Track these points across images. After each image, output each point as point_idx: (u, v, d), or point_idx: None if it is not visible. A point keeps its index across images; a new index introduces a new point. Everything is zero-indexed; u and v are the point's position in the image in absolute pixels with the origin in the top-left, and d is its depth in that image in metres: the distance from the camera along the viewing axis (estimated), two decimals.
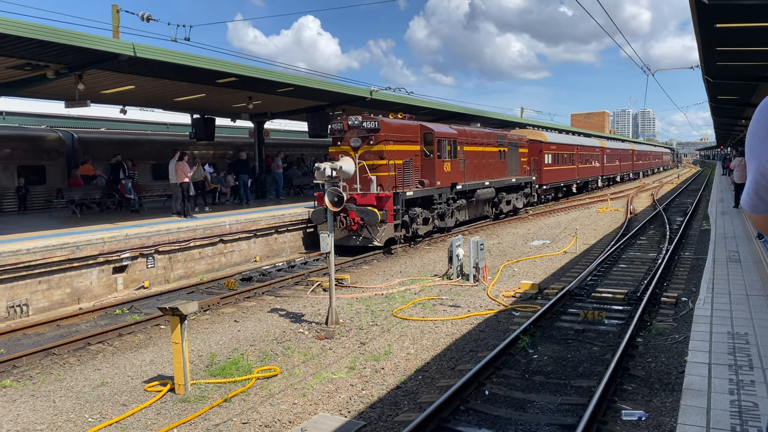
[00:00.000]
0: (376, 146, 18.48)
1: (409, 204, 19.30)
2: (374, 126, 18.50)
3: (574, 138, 43.51)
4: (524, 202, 30.79)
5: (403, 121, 20.28)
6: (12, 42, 12.29)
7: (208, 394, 7.89)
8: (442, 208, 21.50)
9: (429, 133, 20.71)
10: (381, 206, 18.03)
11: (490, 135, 26.50)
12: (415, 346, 9.83)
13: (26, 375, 8.86)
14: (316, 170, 11.29)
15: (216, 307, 12.73)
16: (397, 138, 19.17)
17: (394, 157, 18.67)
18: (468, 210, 24.55)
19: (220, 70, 16.58)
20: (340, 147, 18.77)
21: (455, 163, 22.05)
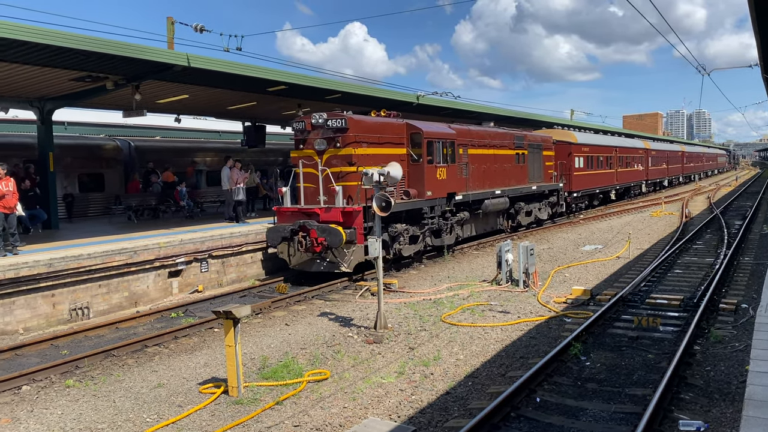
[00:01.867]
0: (344, 149, 15.30)
1: (388, 219, 15.82)
2: (341, 125, 15.27)
3: (611, 138, 39.10)
4: (549, 213, 26.99)
5: (382, 119, 16.88)
6: (75, 55, 12.83)
7: (260, 397, 8.04)
8: (436, 223, 18.01)
9: (417, 134, 17.24)
10: (348, 223, 14.88)
11: (503, 136, 23.00)
12: (465, 352, 9.78)
13: (88, 375, 9.20)
14: (363, 176, 11.37)
15: (267, 311, 12.95)
16: (373, 139, 15.94)
17: (368, 162, 15.09)
18: (474, 224, 21.15)
19: (269, 79, 16.90)
20: (303, 151, 15.84)
21: (453, 169, 18.64)
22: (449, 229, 19.02)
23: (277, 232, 15.37)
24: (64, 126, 28.51)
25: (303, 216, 15.37)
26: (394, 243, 16.27)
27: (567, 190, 29.02)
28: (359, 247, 14.87)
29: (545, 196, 26.32)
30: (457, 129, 19.45)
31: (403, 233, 16.53)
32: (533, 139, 25.49)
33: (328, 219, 15.03)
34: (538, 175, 25.47)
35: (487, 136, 21.70)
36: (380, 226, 11.48)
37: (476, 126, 22.32)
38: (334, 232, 14.52)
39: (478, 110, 28.54)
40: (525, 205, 24.23)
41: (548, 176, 26.63)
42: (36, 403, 8.13)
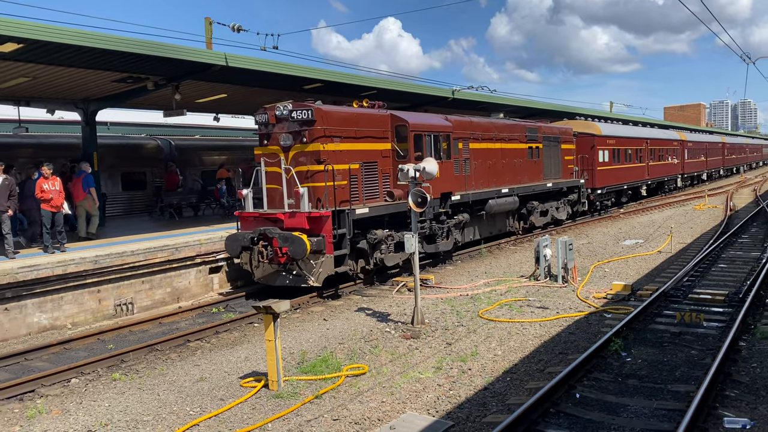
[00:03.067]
0: (311, 145, 13.27)
1: (367, 224, 14.26)
2: (307, 116, 13.22)
3: (641, 130, 36.15)
4: (568, 212, 24.76)
5: (360, 110, 15.03)
6: (117, 57, 13.17)
7: (299, 391, 8.15)
8: (427, 228, 16.14)
9: (402, 126, 15.30)
10: (316, 230, 12.98)
11: (513, 128, 20.99)
12: (503, 348, 9.74)
13: (133, 369, 9.46)
14: (399, 172, 11.40)
15: (306, 306, 13.10)
16: (348, 133, 14.03)
17: (342, 159, 13.60)
18: (478, 226, 19.13)
19: (305, 77, 17.07)
20: (267, 147, 13.86)
21: (449, 166, 16.81)
22: (445, 234, 16.96)
23: (236, 240, 13.50)
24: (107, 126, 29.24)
25: (266, 222, 13.53)
26: (375, 251, 14.39)
27: (590, 187, 26.89)
28: (328, 258, 12.96)
29: (564, 194, 24.18)
30: (454, 121, 17.63)
31: (386, 240, 14.59)
32: (549, 131, 23.43)
33: (293, 225, 13.04)
34: (555, 171, 23.42)
35: (492, 129, 19.67)
36: (417, 222, 11.49)
37: (481, 117, 20.47)
38: (298, 241, 12.56)
39: (515, 104, 28.29)
40: (539, 205, 22.18)
41: (567, 172, 24.46)
42: (84, 395, 8.41)
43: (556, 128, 24.40)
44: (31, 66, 13.51)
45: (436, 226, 16.42)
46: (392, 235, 14.82)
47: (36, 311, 11.74)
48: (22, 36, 11.18)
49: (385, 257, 14.67)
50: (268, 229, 13.07)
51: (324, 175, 13.08)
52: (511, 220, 21.35)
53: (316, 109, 13.29)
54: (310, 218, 13.01)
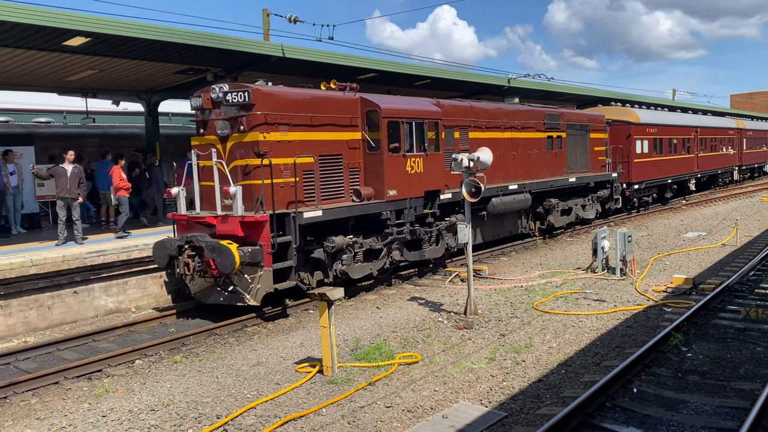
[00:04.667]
0: (249, 134, 11.11)
1: (326, 230, 12.06)
2: (243, 100, 11.04)
3: (689, 117, 32.42)
4: (597, 211, 21.89)
5: (318, 93, 12.60)
6: (179, 50, 13.54)
7: (353, 377, 8.27)
8: (406, 232, 13.58)
9: (373, 112, 12.97)
10: (252, 238, 10.90)
11: (528, 114, 18.46)
12: (558, 340, 9.62)
13: (193, 352, 9.79)
14: (453, 161, 11.35)
15: (359, 295, 13.23)
16: (300, 120, 11.78)
17: (291, 151, 11.46)
18: (480, 228, 16.59)
19: (359, 66, 17.14)
20: (204, 137, 11.76)
21: (436, 160, 14.29)
22: (434, 239, 14.62)
23: (164, 248, 11.43)
24: (168, 117, 30.12)
25: (197, 227, 11.56)
26: (335, 262, 12.14)
27: (625, 181, 24.04)
28: (267, 272, 10.81)
29: (591, 190, 21.35)
30: (448, 106, 15.34)
31: (351, 248, 12.31)
32: (575, 118, 20.79)
33: (225, 232, 11.02)
34: (581, 164, 20.84)
35: (500, 116, 17.27)
36: (470, 211, 11.43)
37: (485, 102, 17.99)
38: (225, 251, 10.47)
39: (573, 92, 27.68)
40: (559, 202, 19.34)
41: (597, 164, 21.87)
42: (148, 376, 8.75)
43: (584, 115, 21.87)
44: (98, 59, 14.03)
45: (420, 230, 13.93)
46: (359, 241, 12.58)
47: (102, 295, 12.26)
48: (90, 30, 11.63)
49: (349, 269, 12.35)
50: (195, 237, 10.99)
51: (265, 171, 10.88)
52: (524, 220, 18.79)
53: (255, 90, 11.10)
54: (244, 223, 10.87)
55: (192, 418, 7.17)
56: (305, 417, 7.09)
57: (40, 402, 7.99)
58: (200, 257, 10.89)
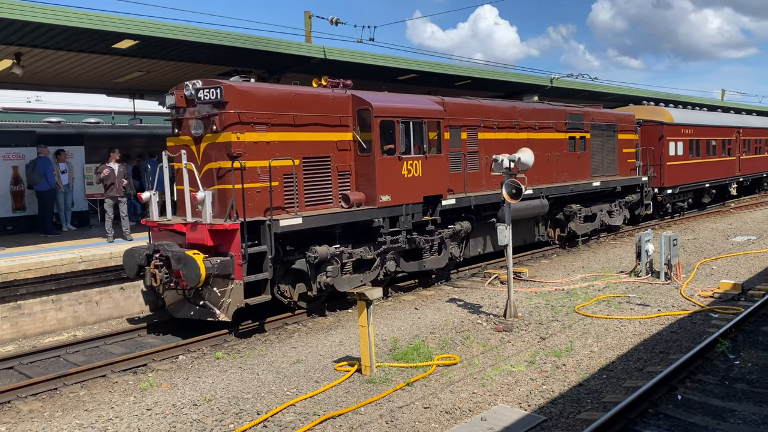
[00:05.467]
0: (222, 135, 10.34)
1: (309, 238, 11.15)
2: (216, 97, 10.25)
3: (730, 117, 30.09)
4: (626, 217, 20.58)
5: (305, 90, 11.70)
6: (222, 52, 13.80)
7: (391, 377, 8.29)
8: (403, 241, 12.64)
9: (364, 110, 12.01)
10: (223, 248, 10.13)
11: (546, 113, 17.31)
12: (599, 344, 9.46)
13: (235, 349, 9.96)
14: (493, 162, 11.28)
15: (397, 295, 13.25)
16: (281, 119, 10.92)
17: (268, 153, 10.61)
18: (491, 237, 15.09)
19: (399, 67, 17.19)
20: (179, 138, 11.03)
21: (438, 162, 13.25)
22: (436, 248, 13.61)
23: (132, 257, 10.71)
24: None
25: (168, 234, 10.88)
26: (319, 273, 11.15)
27: (657, 186, 22.67)
28: (238, 285, 9.97)
29: (619, 195, 20.02)
30: (452, 104, 14.18)
31: (337, 258, 11.37)
32: (601, 118, 19.47)
33: (195, 241, 10.27)
34: (608, 166, 19.60)
35: (514, 115, 16.12)
36: (509, 212, 11.34)
37: (498, 101, 16.80)
38: (189, 262, 9.69)
39: (617, 92, 27.17)
40: (582, 208, 18.01)
41: (626, 167, 20.52)
42: (190, 371, 8.95)
43: (612, 114, 20.55)
44: (145, 61, 14.40)
45: (420, 239, 13.01)
46: (347, 251, 11.61)
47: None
48: (138, 33, 11.95)
49: (336, 281, 11.36)
50: (162, 246, 10.30)
51: (237, 175, 10.09)
52: (542, 228, 17.39)
53: (228, 87, 10.27)
54: (213, 232, 10.10)
55: (233, 414, 7.30)
56: (344, 415, 7.15)
57: (89, 394, 8.25)
58: (168, 268, 10.14)
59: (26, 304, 11.02)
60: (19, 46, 12.31)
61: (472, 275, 15.16)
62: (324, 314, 11.87)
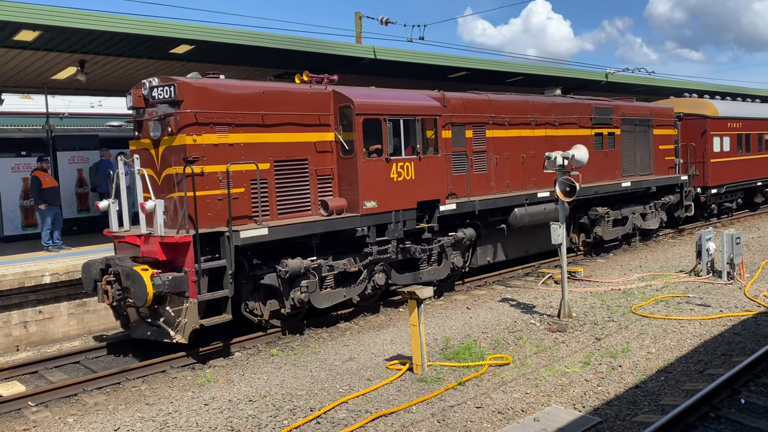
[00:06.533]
0: (178, 137, 9.37)
1: (280, 250, 10.24)
2: (169, 96, 9.36)
3: None
4: (662, 220, 18.79)
5: (277, 86, 10.77)
6: (276, 54, 14.06)
7: (443, 376, 8.28)
8: (392, 252, 11.46)
9: (346, 107, 10.92)
10: (178, 262, 9.27)
11: (568, 108, 15.87)
12: (657, 346, 9.21)
13: (289, 346, 10.13)
14: (546, 160, 11.12)
15: (449, 294, 13.22)
16: (247, 119, 9.95)
17: (229, 157, 9.59)
18: (502, 244, 14.17)
19: (450, 65, 17.14)
20: (140, 140, 10.08)
21: (434, 164, 12.03)
22: (435, 258, 12.53)
23: (88, 271, 9.83)
24: None
25: (130, 247, 9.95)
26: (293, 289, 10.19)
27: (700, 185, 20.98)
28: (192, 304, 9.06)
29: (655, 196, 18.39)
30: (454, 99, 13.00)
31: (315, 271, 10.39)
32: (633, 112, 17.97)
33: (149, 254, 9.43)
34: (642, 165, 18.10)
35: (528, 110, 14.72)
36: (564, 210, 11.16)
37: (510, 95, 15.08)
38: (136, 278, 8.89)
39: (677, 86, 26.35)
40: (610, 211, 16.50)
41: (663, 165, 18.96)
42: (246, 368, 9.15)
43: (646, 108, 18.79)
44: (201, 65, 14.78)
45: (415, 248, 11.92)
46: (327, 264, 10.64)
47: None
48: (194, 38, 12.31)
49: (314, 296, 10.38)
50: (114, 260, 9.56)
51: (198, 181, 9.18)
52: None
53: (182, 84, 9.33)
54: (165, 245, 9.22)
55: (287, 410, 7.44)
56: (396, 413, 7.19)
57: (149, 388, 8.55)
58: (120, 284, 9.29)
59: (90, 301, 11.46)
60: (83, 54, 12.86)
61: (525, 275, 14.98)
62: (376, 312, 11.91)
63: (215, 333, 10.12)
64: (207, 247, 9.37)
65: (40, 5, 10.75)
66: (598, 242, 16.83)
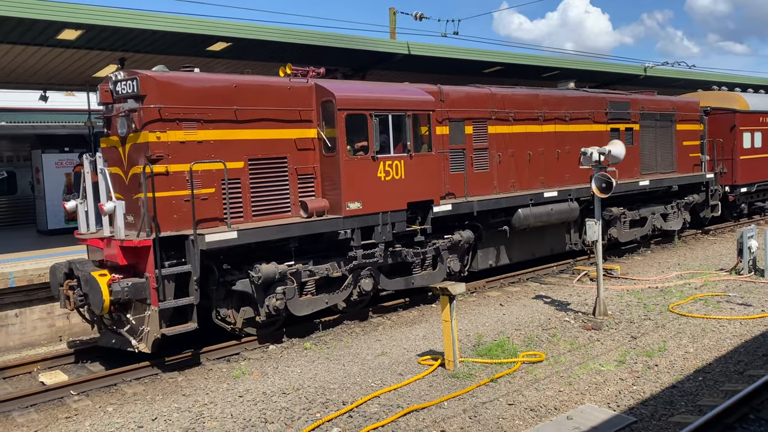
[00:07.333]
0: (141, 134, 8.87)
1: (254, 254, 9.65)
2: (132, 90, 8.90)
3: None
4: (686, 220, 17.75)
5: (251, 79, 10.05)
6: (310, 51, 14.17)
7: (475, 373, 8.27)
8: (379, 256, 10.79)
9: (328, 102, 10.26)
10: (140, 267, 8.82)
11: (580, 102, 15.02)
12: (695, 345, 9.03)
13: (322, 340, 10.23)
14: (582, 155, 10.98)
15: (481, 290, 13.16)
16: (218, 114, 9.38)
17: (197, 155, 9.09)
18: (506, 247, 13.46)
19: (484, 60, 17.04)
20: (109, 138, 9.56)
21: (426, 162, 11.28)
22: (429, 262, 11.85)
23: (54, 275, 9.51)
24: None
25: (96, 250, 9.57)
26: (267, 297, 9.59)
27: (728, 183, 19.87)
28: (154, 312, 8.56)
29: (677, 195, 17.42)
30: (451, 93, 12.37)
31: (293, 277, 9.78)
32: (654, 106, 16.95)
33: (111, 258, 9.05)
34: (663, 162, 17.13)
35: (536, 104, 13.93)
36: (599, 206, 11.00)
37: (515, 88, 14.31)
38: (93, 284, 8.52)
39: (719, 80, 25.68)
40: (626, 212, 15.57)
41: (687, 163, 17.97)
42: (280, 361, 9.27)
43: (668, 102, 17.74)
44: (237, 62, 15.00)
45: (407, 252, 11.27)
46: (307, 269, 10.02)
47: None
48: (230, 35, 12.50)
49: (292, 303, 9.80)
50: (76, 264, 9.16)
51: (162, 181, 8.81)
52: (574, 235, 15.03)
53: (145, 78, 8.83)
54: (125, 249, 8.79)
55: (320, 403, 7.52)
56: (427, 409, 7.20)
57: (186, 380, 8.74)
58: (81, 289, 8.89)
59: None
60: (123, 52, 13.16)
61: (559, 272, 14.82)
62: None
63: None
64: (173, 251, 8.94)
65: (82, 5, 11.05)
66: (613, 244, 15.91)
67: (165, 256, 8.79)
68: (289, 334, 10.36)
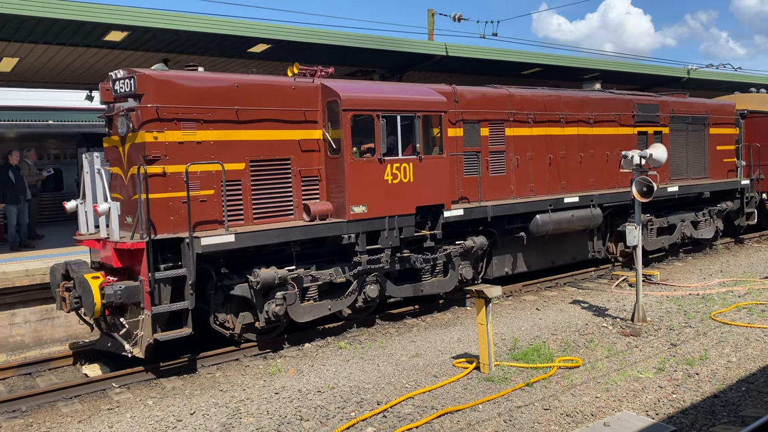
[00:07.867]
0: (139, 134, 8.75)
1: (251, 260, 9.43)
2: (129, 89, 8.76)
3: None
4: (718, 229, 17.04)
5: (255, 79, 9.79)
6: (350, 53, 14.28)
7: (510, 377, 8.21)
8: (387, 262, 10.44)
9: (333, 102, 10.00)
10: (135, 270, 8.71)
11: (606, 103, 14.49)
12: (738, 354, 8.81)
13: (357, 339, 10.28)
14: (622, 158, 10.81)
15: (518, 294, 13.06)
16: (219, 115, 9.18)
17: (196, 156, 8.91)
18: (523, 254, 12.99)
19: (523, 62, 16.92)
20: (111, 138, 9.51)
21: (437, 165, 10.91)
22: (440, 269, 11.49)
23: (54, 275, 9.42)
24: None
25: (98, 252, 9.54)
26: (266, 303, 9.32)
27: (765, 190, 18.90)
28: (147, 317, 8.42)
29: (708, 202, 16.64)
30: (466, 93, 11.99)
31: (294, 282, 9.54)
32: (685, 108, 16.28)
33: (106, 261, 9.00)
34: (694, 167, 16.47)
35: (557, 106, 13.45)
36: (640, 211, 10.82)
37: (535, 89, 13.70)
38: (85, 287, 8.42)
39: (766, 82, 24.99)
40: (652, 219, 14.92)
41: (721, 168, 17.24)
42: (315, 359, 9.36)
43: (701, 104, 16.98)
44: (276, 64, 15.18)
45: (416, 258, 10.91)
46: (309, 274, 9.78)
47: None
48: (271, 37, 12.66)
49: (292, 309, 9.54)
50: (72, 265, 9.08)
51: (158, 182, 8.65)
52: (597, 242, 14.53)
53: (142, 76, 8.67)
54: (119, 251, 8.65)
55: (354, 402, 7.57)
56: (461, 411, 7.19)
57: (223, 375, 8.88)
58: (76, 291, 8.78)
59: None
60: (167, 53, 13.45)
61: (598, 277, 14.61)
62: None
63: None
64: (170, 254, 8.81)
65: (128, 7, 11.36)
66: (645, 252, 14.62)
67: (162, 259, 8.67)
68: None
